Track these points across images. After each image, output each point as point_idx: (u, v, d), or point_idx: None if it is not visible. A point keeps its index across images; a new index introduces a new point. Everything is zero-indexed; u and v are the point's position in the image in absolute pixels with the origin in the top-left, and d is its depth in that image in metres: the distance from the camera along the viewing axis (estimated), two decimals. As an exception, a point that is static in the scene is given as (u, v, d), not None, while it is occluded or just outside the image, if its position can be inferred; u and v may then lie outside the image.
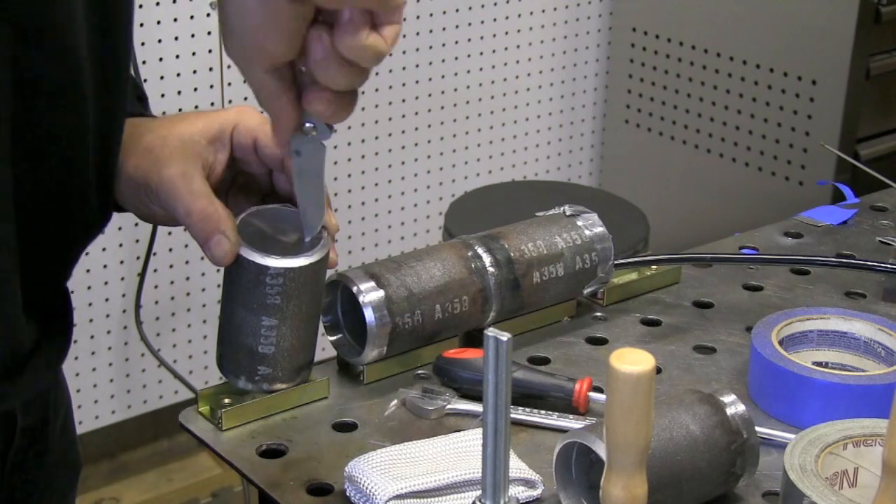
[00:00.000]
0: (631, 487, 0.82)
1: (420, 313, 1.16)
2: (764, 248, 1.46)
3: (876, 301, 1.36)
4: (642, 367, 0.78)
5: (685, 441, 0.99)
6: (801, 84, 2.61)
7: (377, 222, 2.80)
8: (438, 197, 2.91)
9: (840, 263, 1.36)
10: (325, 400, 1.16)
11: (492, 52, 2.90)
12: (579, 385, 1.13)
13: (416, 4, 2.74)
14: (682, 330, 1.29)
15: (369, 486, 0.99)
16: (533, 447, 1.09)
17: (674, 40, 2.83)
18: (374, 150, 2.78)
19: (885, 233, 1.50)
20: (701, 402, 1.02)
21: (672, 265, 1.37)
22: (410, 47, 2.77)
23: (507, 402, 0.82)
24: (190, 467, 2.65)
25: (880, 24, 2.53)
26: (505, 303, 1.22)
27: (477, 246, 1.22)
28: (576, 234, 1.26)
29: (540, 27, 2.95)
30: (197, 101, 2.49)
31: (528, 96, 3.00)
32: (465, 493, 1.01)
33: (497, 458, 0.83)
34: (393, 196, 2.84)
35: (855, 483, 1.00)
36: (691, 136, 2.86)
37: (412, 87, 2.80)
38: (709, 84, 2.79)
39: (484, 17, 2.86)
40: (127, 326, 2.54)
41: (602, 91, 3.09)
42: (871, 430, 1.01)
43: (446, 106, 2.87)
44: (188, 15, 2.45)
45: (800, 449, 0.99)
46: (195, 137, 1.06)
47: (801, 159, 2.65)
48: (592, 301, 1.32)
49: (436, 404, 1.14)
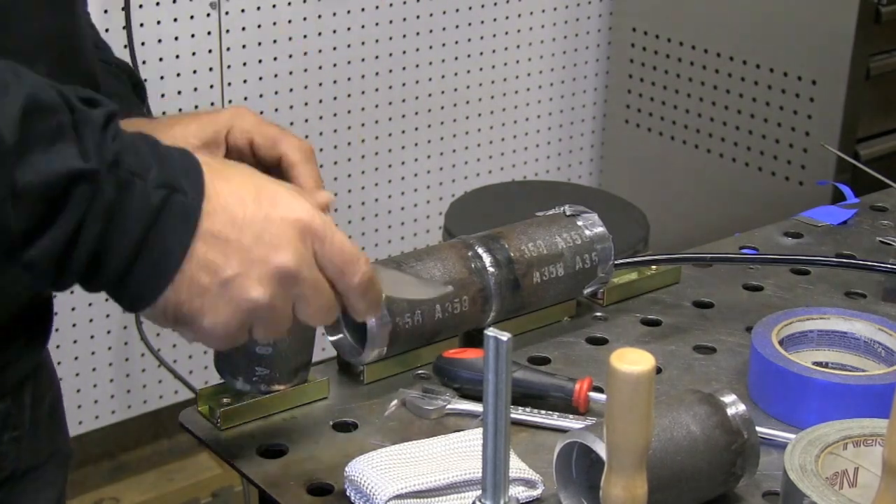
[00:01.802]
0: (631, 487, 0.82)
1: (420, 313, 1.16)
2: (764, 248, 1.46)
3: (876, 301, 1.36)
4: (642, 367, 0.78)
5: (686, 441, 0.99)
6: (801, 84, 2.61)
7: (377, 222, 2.80)
8: (438, 197, 2.91)
9: (840, 263, 1.36)
10: (325, 400, 1.16)
11: (492, 52, 2.90)
12: (579, 385, 1.13)
13: (416, 4, 2.74)
14: (682, 330, 1.29)
15: (369, 486, 0.99)
16: (533, 447, 1.09)
17: (674, 40, 2.83)
18: (374, 150, 2.78)
19: (885, 233, 1.50)
20: (701, 402, 1.02)
21: (672, 265, 1.37)
22: (410, 47, 2.77)
23: (507, 402, 0.82)
24: (190, 467, 2.65)
25: (880, 24, 2.53)
26: (505, 303, 1.22)
27: (477, 246, 1.22)
28: (576, 234, 1.26)
29: (540, 27, 2.95)
30: (197, 101, 2.49)
31: (528, 96, 2.99)
32: (465, 492, 1.00)
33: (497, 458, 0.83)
34: (393, 196, 2.84)
35: (855, 483, 1.00)
36: (691, 136, 2.86)
37: (412, 87, 2.80)
38: (709, 84, 2.79)
39: (484, 17, 2.85)
40: (127, 326, 2.54)
41: (602, 91, 3.09)
42: (871, 430, 1.01)
43: (446, 106, 2.87)
44: (188, 15, 2.44)
45: (800, 449, 0.99)
46: (189, 140, 1.06)
47: (801, 159, 2.65)
48: (592, 301, 1.32)
49: (436, 404, 1.14)
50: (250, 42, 2.54)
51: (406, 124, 2.82)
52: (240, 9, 2.50)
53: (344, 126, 2.70)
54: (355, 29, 2.67)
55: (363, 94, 2.71)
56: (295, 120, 2.63)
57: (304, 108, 2.64)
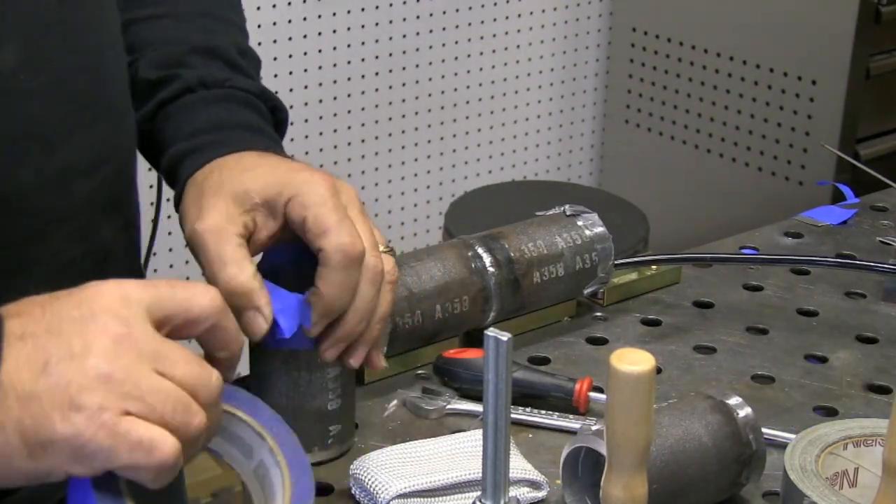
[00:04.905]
0: (631, 487, 0.82)
1: (420, 313, 1.16)
2: (764, 248, 1.46)
3: (876, 301, 1.36)
4: (642, 367, 0.78)
5: (697, 454, 0.98)
6: (801, 84, 2.61)
7: (377, 222, 2.78)
8: (438, 197, 2.91)
9: (840, 263, 1.36)
10: (326, 400, 1.16)
11: (492, 52, 2.90)
12: (579, 385, 1.13)
13: (416, 4, 2.74)
14: (682, 330, 1.29)
15: (373, 483, 0.99)
16: (533, 447, 1.09)
17: (674, 40, 2.83)
18: (374, 150, 2.78)
19: (885, 233, 1.50)
20: (714, 411, 1.01)
21: (672, 265, 1.37)
22: (410, 47, 2.77)
23: (508, 402, 0.82)
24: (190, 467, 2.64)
25: (880, 24, 2.53)
26: (505, 303, 1.22)
27: (477, 246, 1.22)
28: (576, 234, 1.26)
29: (540, 27, 2.95)
30: (197, 101, 2.49)
31: (527, 96, 3.00)
32: (468, 493, 1.00)
33: (497, 458, 0.83)
34: (393, 196, 2.84)
35: (855, 483, 1.00)
36: (691, 136, 2.86)
37: (412, 87, 2.80)
38: (709, 84, 2.79)
39: (484, 17, 2.86)
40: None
41: (602, 91, 3.09)
42: (871, 430, 1.01)
43: (446, 106, 2.87)
44: (188, 15, 2.45)
45: (800, 449, 0.99)
46: (251, 194, 0.96)
47: (801, 159, 2.65)
48: (592, 301, 1.32)
49: (436, 404, 1.14)
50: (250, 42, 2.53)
51: (406, 124, 2.82)
52: (240, 9, 2.50)
53: (344, 126, 2.70)
54: (355, 29, 2.67)
55: (363, 94, 2.71)
56: (295, 120, 2.63)
57: (304, 109, 2.64)
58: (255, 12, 2.52)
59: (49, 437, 0.72)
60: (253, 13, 2.52)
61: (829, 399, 1.18)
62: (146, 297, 0.76)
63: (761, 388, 1.20)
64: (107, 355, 0.73)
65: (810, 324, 1.31)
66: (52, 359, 0.73)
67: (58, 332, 0.74)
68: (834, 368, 1.23)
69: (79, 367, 0.72)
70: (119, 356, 0.73)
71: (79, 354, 0.73)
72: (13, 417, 0.72)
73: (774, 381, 1.21)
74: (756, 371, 1.22)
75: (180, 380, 0.75)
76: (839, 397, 1.18)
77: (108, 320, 0.74)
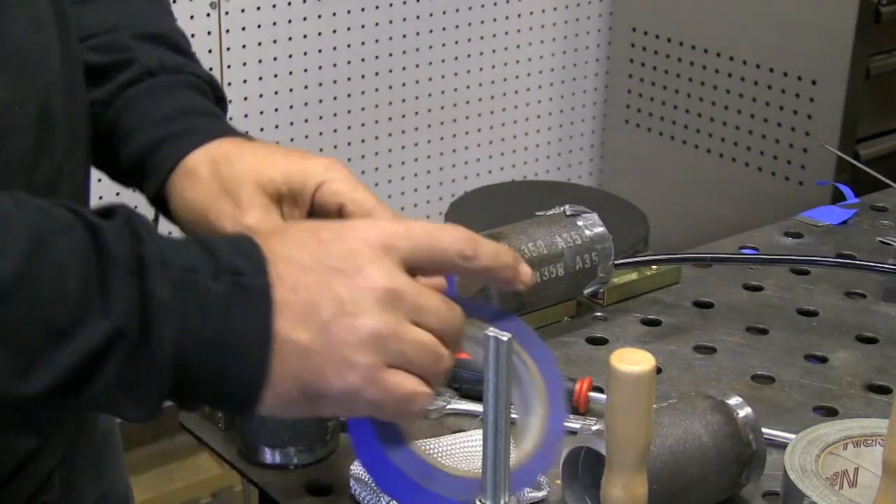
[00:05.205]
0: (631, 487, 0.82)
1: (420, 313, 1.16)
2: (764, 248, 1.46)
3: (876, 301, 1.36)
4: (642, 367, 0.78)
5: (697, 454, 0.98)
6: (801, 84, 2.61)
7: (377, 222, 2.80)
8: (438, 197, 2.91)
9: (840, 263, 1.36)
10: (326, 400, 1.16)
11: (492, 52, 2.90)
12: (579, 385, 1.13)
13: (416, 4, 2.74)
14: (682, 330, 1.29)
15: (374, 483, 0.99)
16: (533, 447, 1.09)
17: (674, 40, 2.83)
18: (374, 150, 2.78)
19: (885, 233, 1.50)
20: (714, 411, 1.01)
21: (672, 265, 1.37)
22: (410, 47, 2.77)
23: (507, 402, 0.82)
24: (190, 467, 2.65)
25: (880, 24, 2.53)
26: (505, 303, 1.22)
27: (477, 246, 1.22)
28: (576, 234, 1.26)
29: (540, 27, 2.95)
30: (197, 101, 2.49)
31: (527, 96, 2.99)
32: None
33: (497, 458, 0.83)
34: (393, 196, 2.84)
35: (855, 483, 1.00)
36: (691, 136, 2.86)
37: (412, 87, 2.80)
38: (709, 84, 2.79)
39: (484, 17, 2.86)
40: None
41: (602, 91, 3.09)
42: (871, 430, 1.01)
43: (446, 106, 2.87)
44: (188, 15, 2.44)
45: (800, 449, 0.99)
46: (276, 183, 0.95)
47: (801, 159, 2.65)
48: (592, 301, 1.32)
49: (436, 404, 1.14)
50: (250, 42, 2.54)
51: (406, 124, 2.82)
52: (240, 9, 2.50)
53: (344, 126, 2.70)
54: (355, 29, 2.67)
55: (363, 94, 2.71)
56: (295, 120, 2.63)
57: (303, 109, 2.64)
58: (255, 12, 2.52)
59: (324, 391, 0.78)
60: (253, 13, 2.52)
61: (829, 399, 1.18)
62: (403, 246, 0.81)
63: (761, 388, 1.20)
64: (374, 313, 0.78)
65: (810, 324, 1.31)
66: (324, 316, 0.78)
67: (328, 286, 0.78)
68: (834, 368, 1.23)
69: (350, 327, 0.78)
70: (385, 312, 0.79)
71: (350, 312, 0.78)
72: (291, 371, 0.78)
73: (774, 381, 1.21)
74: (756, 371, 1.22)
75: (433, 328, 0.81)
76: (839, 397, 1.18)
77: (373, 274, 0.79)
